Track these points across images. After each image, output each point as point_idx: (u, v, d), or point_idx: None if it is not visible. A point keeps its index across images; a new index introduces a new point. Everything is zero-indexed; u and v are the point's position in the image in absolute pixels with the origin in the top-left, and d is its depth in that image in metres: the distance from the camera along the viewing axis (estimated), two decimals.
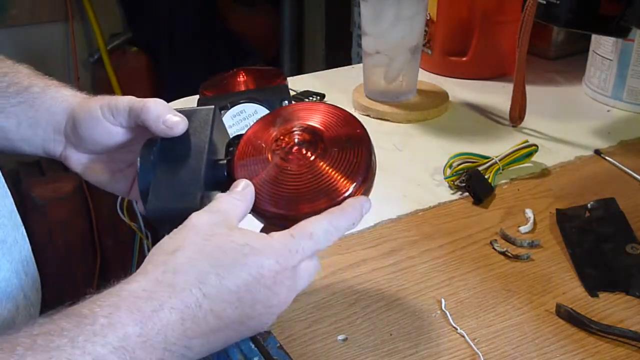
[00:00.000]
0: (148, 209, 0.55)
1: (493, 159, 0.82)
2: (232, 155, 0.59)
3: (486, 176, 0.80)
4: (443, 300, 0.63)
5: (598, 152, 0.89)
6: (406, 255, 0.69)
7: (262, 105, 0.85)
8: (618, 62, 1.00)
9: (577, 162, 0.87)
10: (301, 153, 0.56)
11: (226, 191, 0.56)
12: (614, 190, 0.79)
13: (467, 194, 0.79)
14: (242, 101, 0.85)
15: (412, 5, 0.95)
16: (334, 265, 0.68)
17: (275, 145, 0.57)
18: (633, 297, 0.63)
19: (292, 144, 0.57)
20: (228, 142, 0.62)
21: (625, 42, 0.98)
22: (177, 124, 0.59)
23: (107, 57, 2.15)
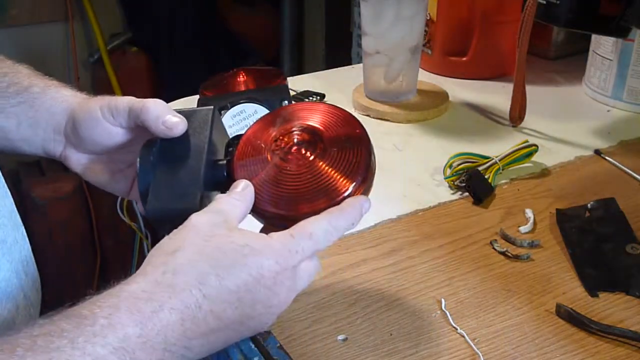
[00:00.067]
0: (147, 210, 0.55)
1: (493, 159, 0.82)
2: (232, 155, 0.59)
3: (486, 176, 0.80)
4: (443, 300, 0.63)
5: (598, 152, 0.89)
6: (406, 255, 0.69)
7: (262, 105, 0.85)
8: (618, 62, 1.00)
9: (577, 162, 0.87)
10: (300, 153, 0.56)
11: (226, 191, 0.56)
12: (614, 190, 0.79)
13: (467, 194, 0.79)
14: (242, 101, 0.85)
15: (412, 5, 0.95)
16: (334, 265, 0.68)
17: (274, 145, 0.57)
18: (633, 297, 0.63)
19: (292, 144, 0.57)
20: (227, 143, 0.62)
21: (625, 42, 0.98)
22: (177, 125, 0.59)
23: (107, 57, 2.15)
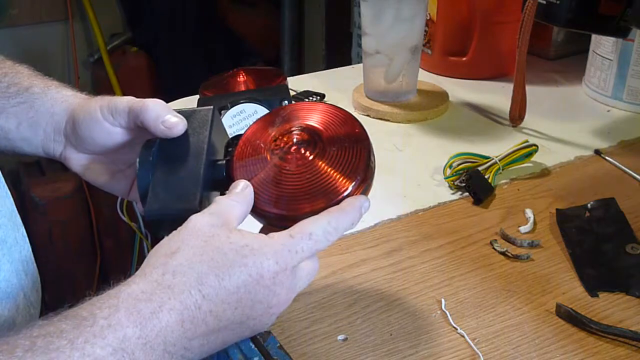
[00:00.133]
0: (147, 210, 0.55)
1: (493, 159, 0.82)
2: (231, 155, 0.59)
3: (486, 176, 0.80)
4: (443, 300, 0.63)
5: (598, 152, 0.89)
6: (406, 255, 0.69)
7: (262, 105, 0.85)
8: (618, 62, 1.00)
9: (577, 162, 0.87)
10: (300, 153, 0.56)
11: (225, 191, 0.56)
12: (614, 190, 0.79)
13: (467, 194, 0.79)
14: (242, 101, 0.85)
15: (412, 5, 0.95)
16: (334, 265, 0.68)
17: (274, 145, 0.57)
18: (633, 297, 0.63)
19: (291, 144, 0.57)
20: (227, 143, 0.62)
21: (625, 42, 0.98)
22: (176, 125, 0.59)
23: (107, 57, 2.15)
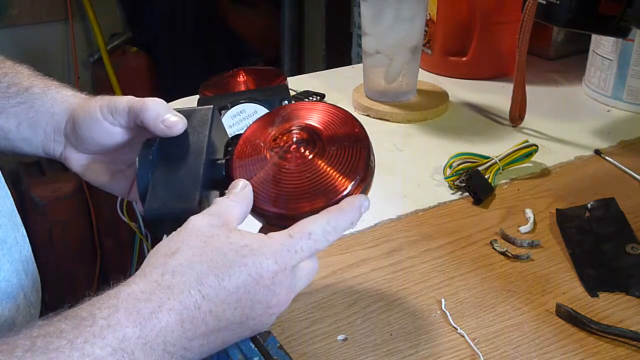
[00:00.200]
0: (146, 209, 0.55)
1: (493, 159, 0.82)
2: (231, 154, 0.59)
3: (486, 176, 0.80)
4: (443, 300, 0.63)
5: (598, 152, 0.89)
6: (406, 255, 0.69)
7: (262, 105, 0.85)
8: (618, 62, 1.00)
9: (577, 162, 0.87)
10: (299, 152, 0.56)
11: (225, 191, 0.56)
12: (614, 190, 0.79)
13: (467, 194, 0.79)
14: (242, 101, 0.85)
15: (412, 5, 0.95)
16: (334, 265, 0.67)
17: (273, 144, 0.57)
18: (633, 297, 0.63)
19: (291, 143, 0.57)
20: (227, 142, 0.62)
21: (625, 42, 0.98)
22: (176, 124, 0.59)
23: (107, 57, 2.15)
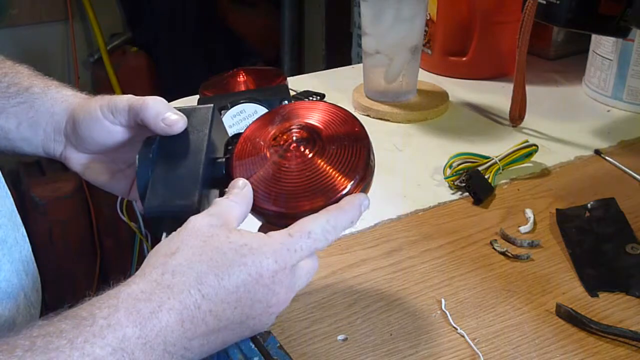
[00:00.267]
0: (146, 207, 0.55)
1: (493, 159, 0.82)
2: (231, 153, 0.59)
3: (486, 176, 0.80)
4: (443, 300, 0.63)
5: (598, 152, 0.89)
6: (406, 255, 0.69)
7: (262, 105, 0.85)
8: (618, 62, 1.00)
9: (577, 162, 0.87)
10: (299, 150, 0.56)
11: (224, 189, 0.56)
12: (614, 190, 0.79)
13: (467, 194, 0.79)
14: (242, 101, 0.85)
15: (412, 5, 0.95)
16: (334, 265, 0.67)
17: (273, 143, 0.57)
18: (633, 297, 0.63)
19: (290, 142, 0.57)
20: (227, 141, 0.62)
21: (625, 42, 0.98)
22: (176, 122, 0.59)
23: (107, 57, 2.15)
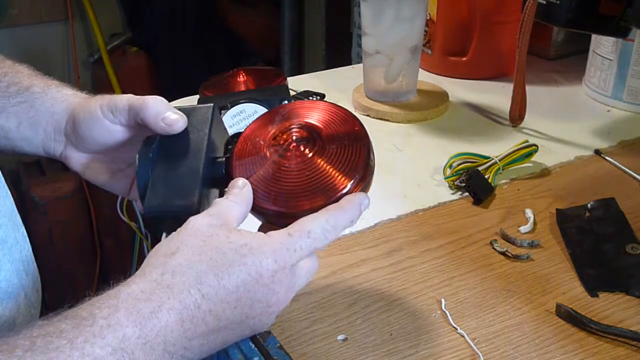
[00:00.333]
0: (146, 206, 0.55)
1: (493, 159, 0.82)
2: (231, 152, 0.59)
3: (486, 176, 0.80)
4: (443, 300, 0.63)
5: (598, 152, 0.89)
6: (406, 255, 0.69)
7: (262, 105, 0.85)
8: (618, 62, 1.00)
9: (577, 162, 0.87)
10: (299, 150, 0.56)
11: (224, 189, 0.56)
12: (614, 190, 0.79)
13: (467, 194, 0.79)
14: (242, 101, 0.85)
15: (412, 5, 0.95)
16: (334, 265, 0.67)
17: (273, 142, 0.57)
18: (633, 297, 0.63)
19: (290, 141, 0.57)
20: (227, 140, 0.62)
21: (625, 42, 0.98)
22: (176, 122, 0.59)
23: (107, 57, 2.15)
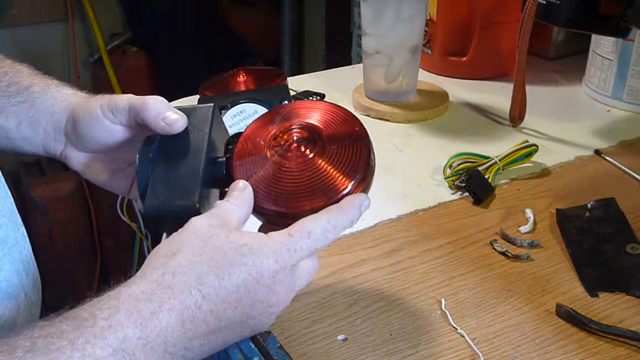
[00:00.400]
0: (146, 206, 0.55)
1: (493, 159, 0.82)
2: (231, 152, 0.59)
3: (486, 176, 0.80)
4: (443, 300, 0.63)
5: (598, 152, 0.89)
6: (406, 255, 0.69)
7: (262, 105, 0.85)
8: (618, 62, 1.00)
9: (577, 162, 0.87)
10: (300, 150, 0.56)
11: (225, 189, 0.56)
12: (614, 190, 0.79)
13: (467, 194, 0.79)
14: (242, 101, 0.85)
15: (412, 5, 0.95)
16: (334, 265, 0.67)
17: (274, 142, 0.57)
18: (633, 297, 0.63)
19: (291, 142, 0.57)
20: (227, 140, 0.62)
21: (625, 42, 0.98)
22: (177, 121, 0.59)
23: (107, 57, 2.15)
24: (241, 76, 0.96)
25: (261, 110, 0.85)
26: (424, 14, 0.98)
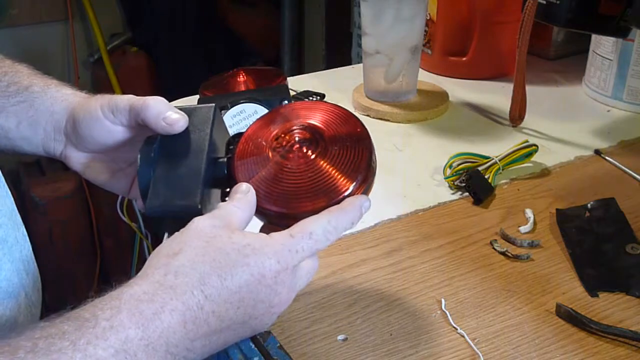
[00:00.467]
0: (147, 207, 0.55)
1: (493, 159, 0.82)
2: (233, 153, 0.59)
3: (486, 176, 0.80)
4: (443, 300, 0.63)
5: (598, 152, 0.89)
6: (406, 255, 0.69)
7: (262, 105, 0.85)
8: (618, 62, 1.00)
9: (577, 162, 0.87)
10: (301, 151, 0.56)
11: (226, 189, 0.56)
12: (614, 190, 0.79)
13: (467, 194, 0.79)
14: (242, 101, 0.85)
15: (412, 5, 0.95)
16: (334, 265, 0.68)
17: (275, 143, 0.57)
18: (633, 297, 0.63)
19: (293, 142, 0.57)
20: (228, 140, 0.62)
21: (625, 42, 0.98)
22: (177, 121, 0.59)
23: (107, 57, 2.15)
24: (241, 76, 0.96)
25: (261, 110, 0.85)
26: (424, 14, 0.98)
